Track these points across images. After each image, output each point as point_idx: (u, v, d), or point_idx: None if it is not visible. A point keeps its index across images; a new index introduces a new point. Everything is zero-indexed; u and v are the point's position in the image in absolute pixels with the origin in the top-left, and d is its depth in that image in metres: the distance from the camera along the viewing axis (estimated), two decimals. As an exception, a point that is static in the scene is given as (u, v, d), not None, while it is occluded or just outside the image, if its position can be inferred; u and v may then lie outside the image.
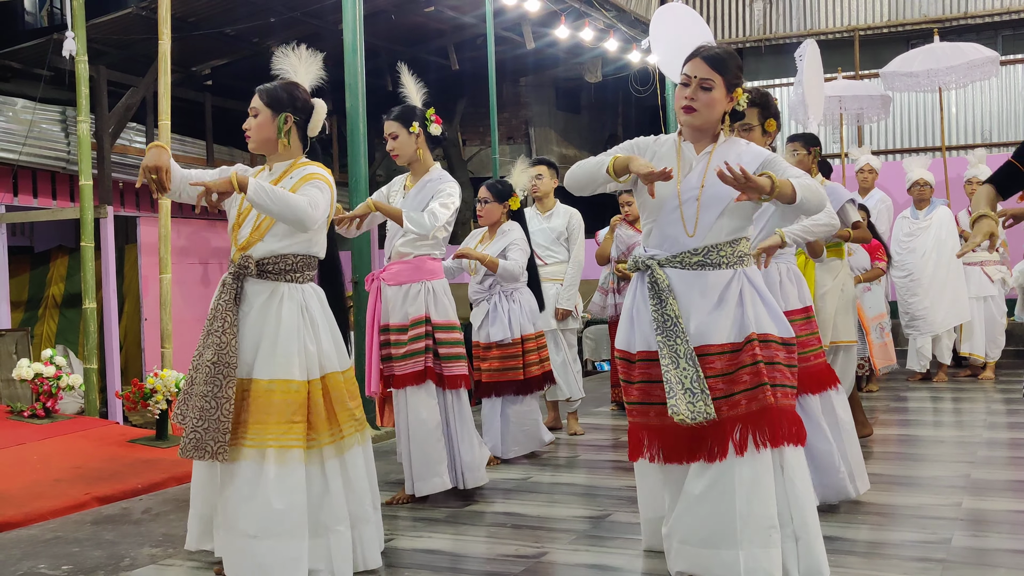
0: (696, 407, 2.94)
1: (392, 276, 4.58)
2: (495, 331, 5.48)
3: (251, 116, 3.49)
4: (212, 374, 3.23)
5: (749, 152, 3.17)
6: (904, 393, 7.77)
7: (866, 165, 8.78)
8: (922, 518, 4.08)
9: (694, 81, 3.11)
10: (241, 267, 3.35)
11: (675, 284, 3.08)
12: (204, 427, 3.21)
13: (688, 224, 3.10)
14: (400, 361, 4.51)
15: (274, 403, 3.27)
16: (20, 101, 9.21)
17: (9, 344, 8.31)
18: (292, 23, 9.92)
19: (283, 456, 3.24)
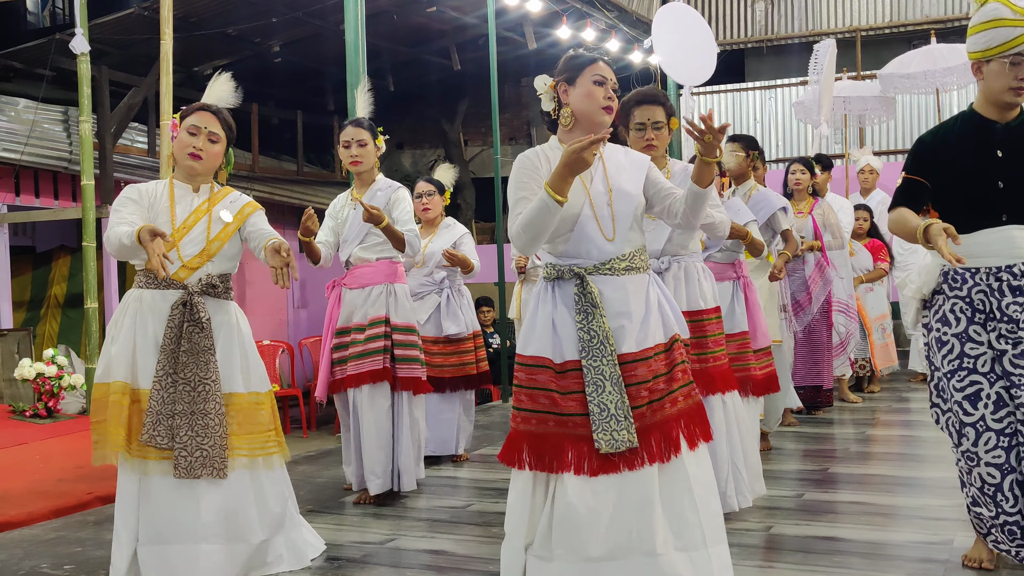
0: (619, 436, 2.80)
1: (355, 279, 4.65)
2: (449, 325, 5.53)
3: (208, 140, 3.51)
4: (211, 392, 3.36)
5: (634, 155, 3.14)
6: (906, 394, 7.77)
7: (867, 166, 8.78)
8: (924, 519, 4.07)
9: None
10: (209, 285, 3.45)
11: (606, 293, 2.92)
12: (210, 444, 3.32)
13: (605, 228, 2.95)
14: (357, 360, 4.55)
15: (257, 413, 3.49)
16: (22, 101, 9.22)
17: (11, 344, 8.32)
18: (294, 23, 9.92)
19: (270, 462, 3.51)
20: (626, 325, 2.91)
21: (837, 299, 6.78)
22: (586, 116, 2.97)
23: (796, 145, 12.53)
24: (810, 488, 4.65)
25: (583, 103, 2.96)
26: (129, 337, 3.41)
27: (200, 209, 3.52)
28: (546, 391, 2.89)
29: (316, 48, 10.70)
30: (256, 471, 3.46)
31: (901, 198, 3.32)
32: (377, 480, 4.56)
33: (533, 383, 2.92)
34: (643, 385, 2.89)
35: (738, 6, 13.56)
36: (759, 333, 4.70)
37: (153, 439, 3.31)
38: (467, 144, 14.72)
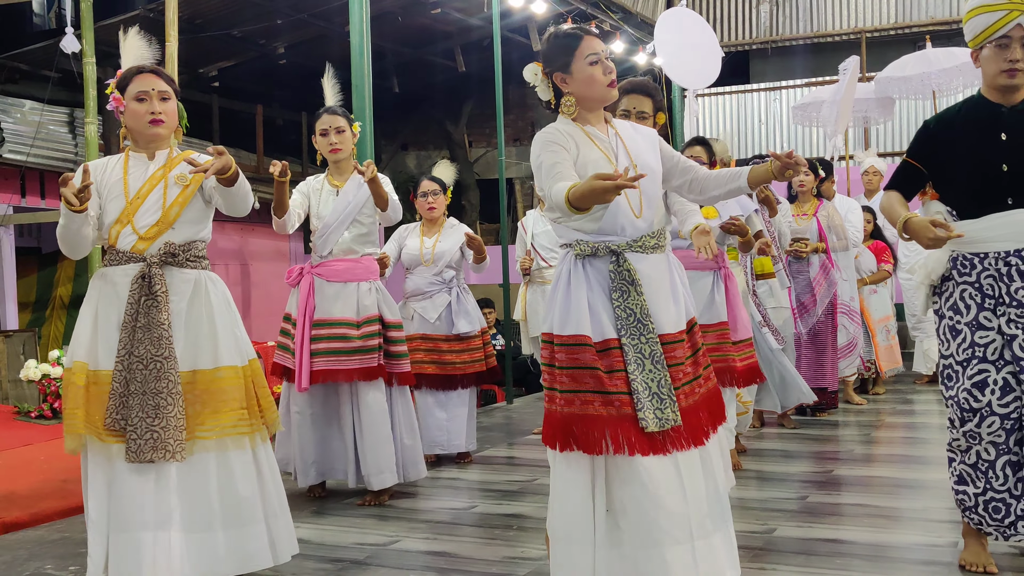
0: (664, 415, 2.79)
1: (336, 273, 4.60)
2: (461, 323, 5.55)
3: (160, 99, 3.33)
4: (163, 370, 3.13)
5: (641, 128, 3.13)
6: (910, 396, 7.76)
7: (871, 167, 8.77)
8: (928, 521, 4.07)
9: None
10: (168, 255, 3.24)
11: (642, 271, 2.89)
12: (162, 426, 3.10)
13: (634, 204, 2.90)
14: (352, 355, 4.54)
15: (225, 391, 3.24)
16: (28, 103, 9.24)
17: (17, 345, 8.34)
18: (299, 25, 9.95)
19: (240, 443, 3.24)
20: (661, 304, 2.92)
21: (840, 301, 6.78)
22: (593, 99, 2.96)
23: (800, 147, 12.52)
24: (813, 490, 4.64)
25: (587, 89, 2.93)
26: (90, 317, 3.27)
27: (155, 176, 3.32)
28: (591, 370, 2.82)
29: (321, 49, 10.71)
30: (224, 453, 3.20)
31: (895, 181, 3.37)
32: (386, 474, 4.59)
33: (576, 362, 2.84)
34: (679, 367, 2.91)
35: (743, 7, 13.55)
36: (739, 325, 4.75)
37: (115, 423, 3.13)
38: (471, 145, 14.73)
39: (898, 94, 9.70)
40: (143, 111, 3.31)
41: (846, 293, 6.90)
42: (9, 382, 8.10)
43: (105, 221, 3.32)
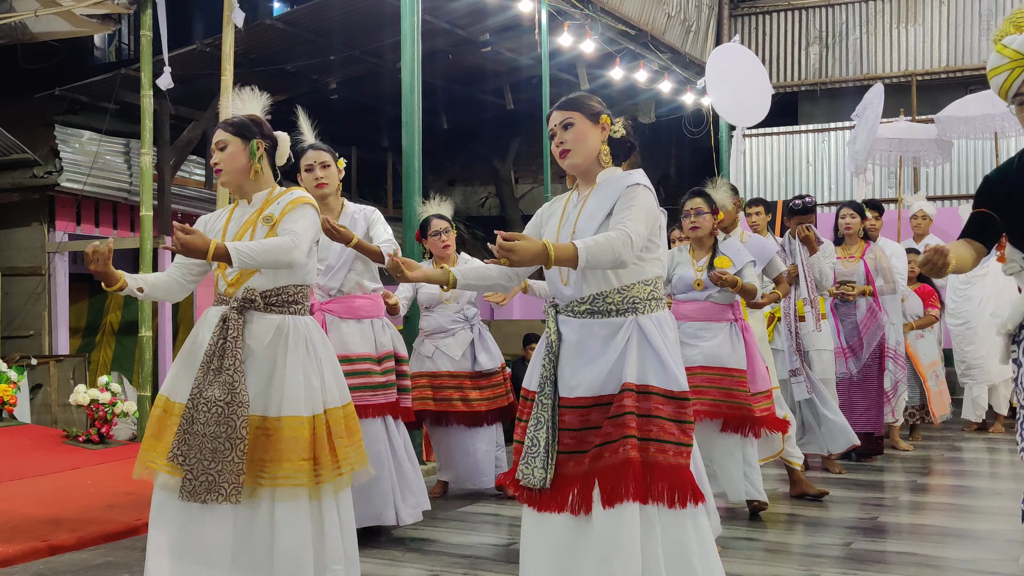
0: (529, 471, 2.91)
1: (350, 310, 4.58)
2: (485, 360, 5.56)
3: (218, 150, 3.40)
4: (224, 414, 3.15)
5: (617, 184, 3.02)
6: (959, 443, 7.62)
7: (920, 211, 8.69)
8: (977, 572, 3.98)
9: (557, 128, 3.08)
10: (246, 300, 3.27)
11: (565, 332, 2.99)
12: (218, 469, 3.12)
13: (562, 272, 3.02)
14: (378, 390, 4.56)
15: (284, 440, 3.21)
16: (87, 133, 9.47)
17: (67, 370, 8.48)
18: (351, 61, 10.10)
19: (293, 494, 3.20)
20: (579, 367, 2.94)
21: (887, 345, 6.70)
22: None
23: (848, 189, 12.43)
24: (858, 537, 4.57)
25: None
26: (184, 352, 3.34)
27: (250, 220, 3.37)
28: (523, 421, 3.04)
29: (372, 86, 10.88)
30: (275, 503, 3.19)
31: (966, 231, 3.26)
32: (414, 509, 4.62)
33: (520, 414, 3.07)
34: (569, 432, 2.92)
35: (793, 49, 13.55)
36: (758, 376, 4.74)
37: (175, 458, 3.17)
38: (518, 182, 14.81)
39: (959, 135, 9.58)
40: (212, 164, 3.45)
41: (892, 337, 6.82)
42: (59, 406, 8.23)
43: (213, 266, 3.41)
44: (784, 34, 13.61)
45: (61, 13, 7.31)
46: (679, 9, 11.46)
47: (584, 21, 9.44)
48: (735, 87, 8.32)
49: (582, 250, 2.76)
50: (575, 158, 3.06)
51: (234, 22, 6.44)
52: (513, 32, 9.88)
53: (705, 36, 12.42)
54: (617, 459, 2.81)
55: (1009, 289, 8.02)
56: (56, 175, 9.08)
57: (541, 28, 8.61)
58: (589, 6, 9.48)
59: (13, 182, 9.18)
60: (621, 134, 3.09)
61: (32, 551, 4.27)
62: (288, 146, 3.57)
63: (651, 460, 2.83)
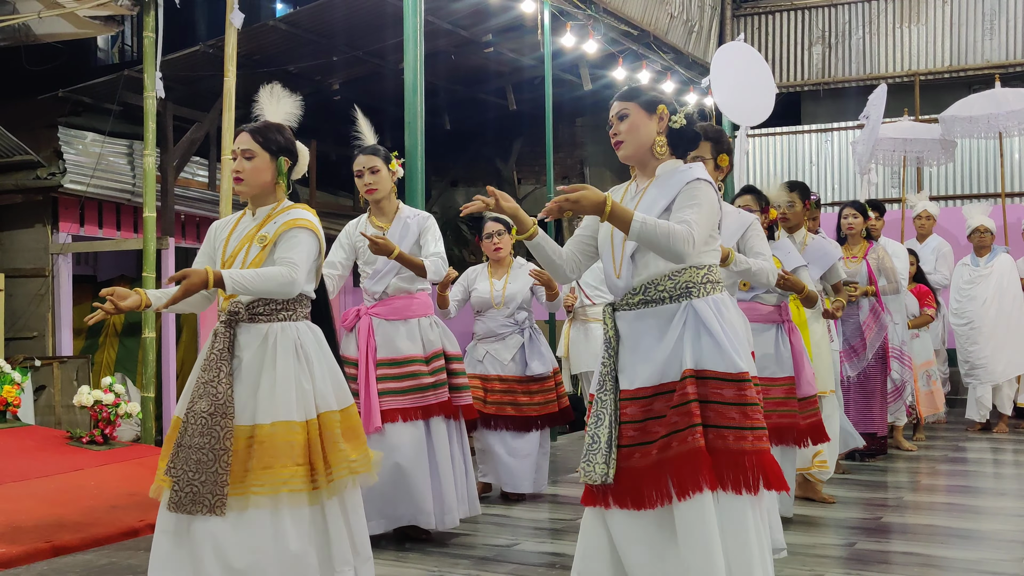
0: (597, 469, 2.89)
1: (396, 311, 4.54)
2: (536, 365, 5.53)
3: (243, 158, 3.32)
4: (208, 425, 3.13)
5: (677, 178, 3.00)
6: (963, 443, 7.61)
7: (923, 212, 8.68)
8: (982, 573, 3.98)
9: (614, 119, 3.07)
10: (232, 314, 3.26)
11: (622, 328, 3.00)
12: (201, 480, 3.10)
13: (616, 263, 3.03)
14: (428, 391, 4.51)
15: (278, 446, 3.17)
16: (90, 135, 9.48)
17: (71, 371, 8.49)
18: (354, 62, 10.11)
19: (295, 500, 3.16)
20: (638, 359, 2.93)
21: (892, 345, 6.69)
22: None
23: (851, 189, 12.42)
24: (862, 537, 4.56)
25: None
26: (193, 370, 3.33)
27: (248, 235, 3.35)
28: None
29: (375, 86, 10.88)
30: (278, 509, 3.15)
31: None
32: (454, 513, 4.52)
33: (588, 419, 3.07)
34: (632, 424, 2.90)
35: (795, 49, 13.54)
36: (804, 381, 4.61)
37: (170, 470, 3.16)
38: (521, 183, 14.81)
39: (963, 135, 9.55)
40: (233, 169, 3.37)
41: (896, 337, 6.81)
42: (62, 407, 8.24)
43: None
44: (787, 34, 13.60)
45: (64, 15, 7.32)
46: (682, 9, 11.45)
47: (587, 21, 9.44)
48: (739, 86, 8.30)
49: (639, 219, 2.79)
50: (626, 149, 3.05)
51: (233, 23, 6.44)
52: (516, 33, 9.88)
53: (708, 36, 12.41)
54: (687, 448, 2.78)
55: (1012, 289, 8.01)
56: (59, 176, 9.09)
57: (544, 29, 8.60)
58: (592, 6, 9.47)
59: (16, 183, 9.19)
60: (681, 124, 3.05)
61: (36, 552, 4.27)
62: (307, 162, 3.50)
63: (712, 447, 2.80)
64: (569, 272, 3.18)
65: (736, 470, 2.79)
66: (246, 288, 3.13)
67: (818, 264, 5.28)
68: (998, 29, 12.41)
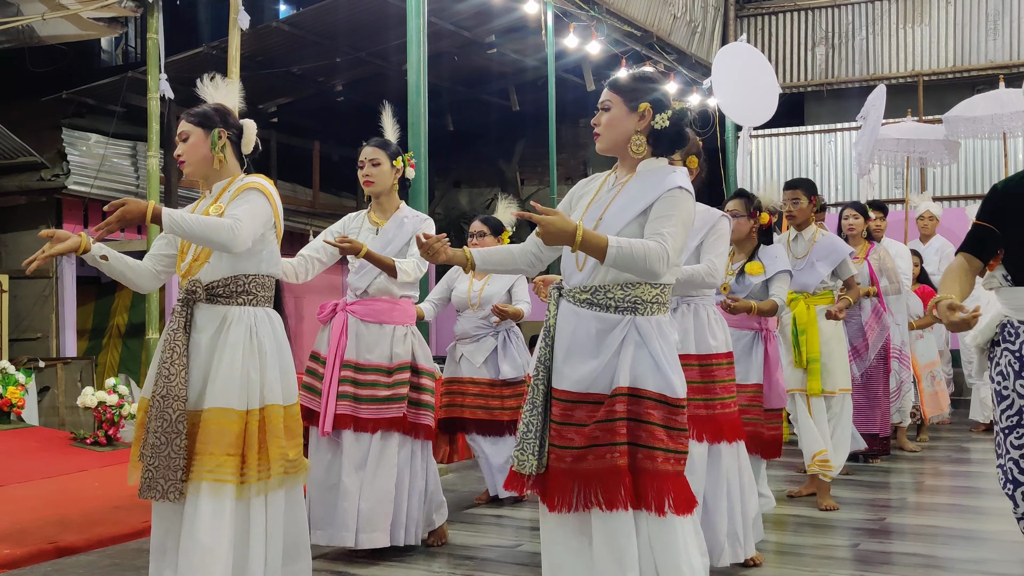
0: (524, 458, 2.86)
1: (373, 314, 4.35)
2: (507, 369, 5.45)
3: (180, 141, 3.31)
4: (161, 408, 3.05)
5: (658, 180, 2.90)
6: (966, 444, 7.60)
7: (926, 212, 8.67)
8: (985, 574, 3.98)
9: (599, 107, 2.98)
10: (189, 292, 3.18)
11: (561, 319, 2.91)
12: (155, 465, 3.02)
13: (579, 257, 2.91)
14: (382, 404, 4.26)
15: (211, 432, 3.08)
16: (94, 136, 9.50)
17: (74, 372, 8.51)
18: (357, 63, 10.12)
19: (218, 490, 3.05)
20: (573, 360, 2.86)
21: (892, 345, 6.68)
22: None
23: (855, 189, 12.41)
24: (865, 538, 4.56)
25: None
26: (159, 349, 3.25)
27: (206, 212, 3.27)
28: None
29: (378, 87, 10.89)
30: (197, 496, 3.04)
31: (966, 244, 3.19)
32: (376, 533, 4.20)
33: (523, 402, 3.09)
34: (553, 424, 2.86)
35: (798, 49, 13.53)
36: (773, 393, 4.52)
37: (142, 456, 3.08)
38: (523, 183, 14.82)
39: (966, 135, 9.53)
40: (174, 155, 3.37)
41: (897, 337, 6.81)
42: (66, 408, 8.25)
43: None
44: (790, 35, 13.60)
45: (68, 16, 7.34)
46: (685, 10, 11.46)
47: (590, 22, 9.45)
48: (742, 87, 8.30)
49: (613, 247, 2.68)
50: (602, 143, 2.98)
51: (239, 25, 6.46)
52: (519, 34, 9.90)
53: (711, 37, 12.42)
54: (604, 465, 2.74)
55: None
56: (63, 178, 9.12)
57: (547, 30, 8.62)
58: (595, 7, 9.48)
59: (20, 185, 9.21)
60: (663, 126, 2.93)
61: (40, 553, 4.28)
62: (254, 134, 3.45)
63: (638, 466, 2.76)
64: (529, 269, 3.13)
65: (662, 491, 2.75)
66: (183, 229, 3.01)
67: (827, 261, 5.25)
68: (1002, 29, 12.40)
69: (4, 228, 9.55)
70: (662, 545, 2.76)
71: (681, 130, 2.99)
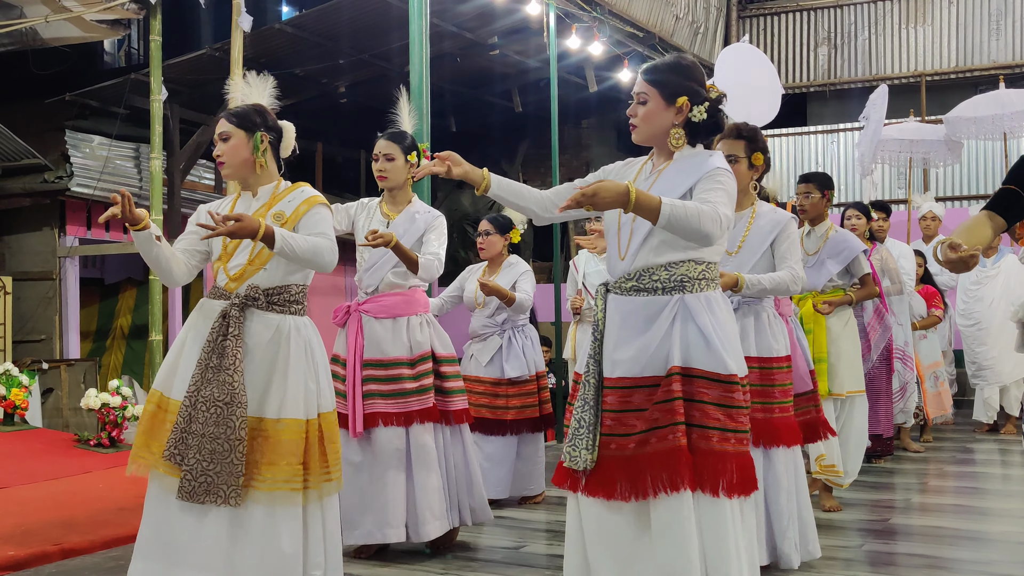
0: (576, 454, 2.84)
1: (385, 309, 4.31)
2: (511, 367, 5.42)
3: (221, 141, 3.29)
4: (223, 415, 3.07)
5: (697, 164, 2.90)
6: (970, 444, 7.59)
7: (929, 213, 8.66)
8: (990, 575, 3.97)
9: (634, 97, 2.98)
10: (248, 297, 3.18)
11: (610, 312, 2.91)
12: (216, 470, 3.05)
13: (622, 247, 2.92)
14: (411, 396, 4.26)
15: (283, 443, 3.14)
16: (97, 138, 9.51)
17: (78, 374, 8.52)
18: (360, 65, 10.13)
19: (291, 499, 3.12)
20: (623, 347, 2.85)
21: (895, 346, 6.67)
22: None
23: (858, 190, 12.40)
24: (870, 539, 4.56)
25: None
26: (177, 346, 3.25)
27: (256, 214, 3.23)
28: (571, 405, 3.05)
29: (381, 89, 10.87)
30: (273, 507, 3.11)
31: (991, 203, 3.00)
32: (437, 523, 4.27)
33: (571, 399, 3.02)
34: (610, 413, 2.84)
35: (801, 50, 13.53)
36: (797, 376, 4.36)
37: (172, 456, 3.08)
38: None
39: (967, 136, 9.52)
40: (214, 154, 3.33)
41: (900, 338, 6.80)
42: (70, 410, 8.26)
43: (212, 258, 3.34)
44: (792, 35, 13.59)
45: (71, 18, 7.35)
46: (687, 11, 11.46)
47: (592, 23, 9.45)
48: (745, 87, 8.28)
49: (667, 205, 2.63)
50: (639, 135, 2.98)
51: (242, 27, 6.46)
52: (521, 35, 9.89)
53: (713, 38, 12.41)
54: (666, 446, 2.73)
55: (1019, 290, 7.99)
56: (67, 180, 9.12)
57: (549, 31, 8.61)
58: (597, 8, 9.48)
59: (24, 187, 9.23)
60: (701, 119, 2.92)
61: (44, 554, 4.28)
62: (293, 138, 3.46)
63: (694, 446, 2.75)
64: (542, 212, 3.11)
65: (717, 472, 2.74)
66: (293, 250, 3.07)
67: (837, 259, 5.15)
68: (1004, 29, 12.39)
69: (8, 230, 9.56)
70: (711, 526, 2.74)
71: (718, 120, 2.98)
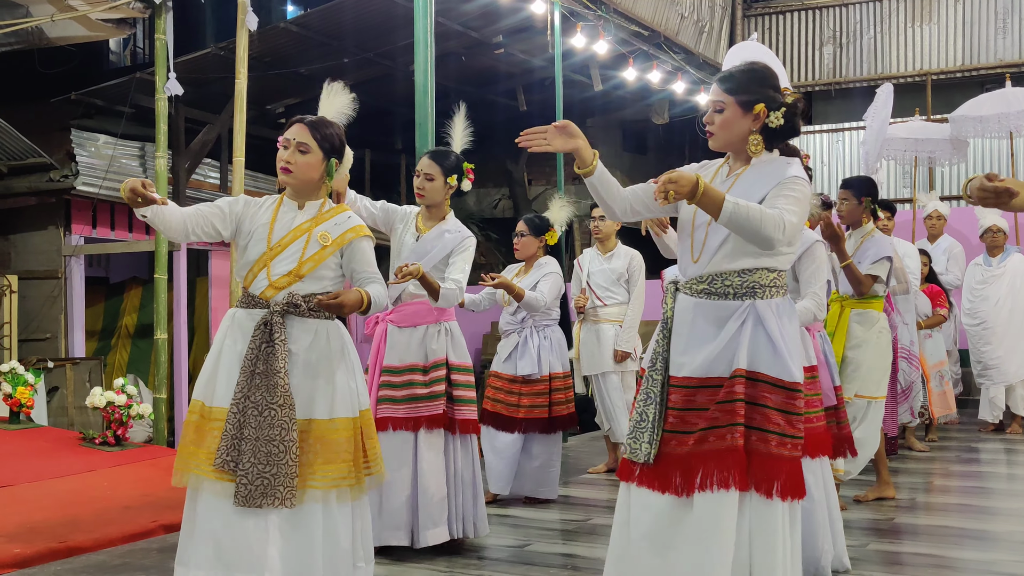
0: (636, 446, 2.92)
1: (406, 318, 4.43)
2: (523, 365, 5.47)
3: (297, 150, 3.32)
4: (277, 418, 3.15)
5: (774, 170, 2.95)
6: (976, 444, 7.58)
7: (934, 212, 8.65)
8: (996, 574, 3.96)
9: (710, 105, 3.03)
10: (290, 305, 3.25)
11: (679, 311, 2.98)
12: (272, 472, 3.12)
13: (695, 249, 2.97)
14: (421, 402, 4.34)
15: (337, 442, 3.24)
16: (102, 137, 9.52)
17: (83, 372, 8.53)
18: (365, 64, 10.13)
19: (345, 496, 3.24)
20: (690, 347, 2.92)
21: (900, 345, 6.66)
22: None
23: (864, 189, 12.36)
24: (875, 538, 4.55)
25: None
26: (214, 356, 3.31)
27: (300, 228, 3.32)
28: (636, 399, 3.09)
29: (386, 88, 10.91)
30: (330, 504, 3.22)
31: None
32: (437, 529, 4.32)
33: (637, 393, 3.10)
34: (673, 411, 2.90)
35: (806, 49, 13.52)
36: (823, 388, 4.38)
37: (225, 464, 3.14)
38: (531, 184, 14.82)
39: (973, 134, 9.50)
40: (279, 157, 3.34)
41: (906, 337, 6.79)
42: (75, 408, 8.28)
43: (245, 260, 3.36)
44: (798, 34, 13.58)
45: (77, 18, 7.35)
46: (692, 10, 11.45)
47: (597, 22, 9.44)
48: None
49: (730, 202, 2.71)
50: (717, 142, 3.03)
51: (248, 26, 6.47)
52: (526, 34, 9.89)
53: (718, 36, 12.41)
54: (723, 446, 2.79)
55: None
56: (72, 179, 9.14)
57: (554, 30, 8.60)
58: (602, 7, 9.48)
59: (30, 186, 9.24)
60: (778, 125, 2.96)
61: (50, 552, 4.29)
62: (348, 167, 3.57)
63: (751, 448, 2.81)
64: (620, 213, 3.15)
65: (772, 475, 2.79)
66: (375, 305, 3.29)
67: (866, 264, 5.10)
68: (1011, 28, 12.37)
69: (13, 229, 9.58)
70: (760, 527, 2.80)
71: (795, 124, 3.02)
